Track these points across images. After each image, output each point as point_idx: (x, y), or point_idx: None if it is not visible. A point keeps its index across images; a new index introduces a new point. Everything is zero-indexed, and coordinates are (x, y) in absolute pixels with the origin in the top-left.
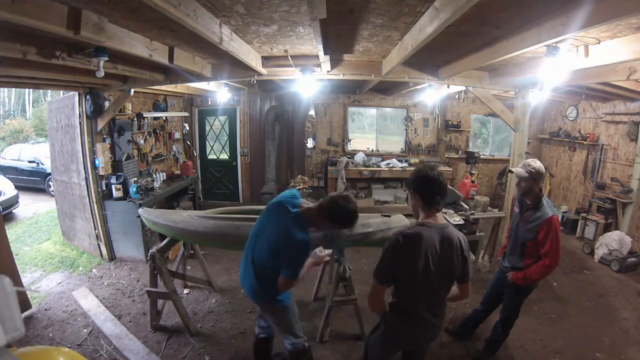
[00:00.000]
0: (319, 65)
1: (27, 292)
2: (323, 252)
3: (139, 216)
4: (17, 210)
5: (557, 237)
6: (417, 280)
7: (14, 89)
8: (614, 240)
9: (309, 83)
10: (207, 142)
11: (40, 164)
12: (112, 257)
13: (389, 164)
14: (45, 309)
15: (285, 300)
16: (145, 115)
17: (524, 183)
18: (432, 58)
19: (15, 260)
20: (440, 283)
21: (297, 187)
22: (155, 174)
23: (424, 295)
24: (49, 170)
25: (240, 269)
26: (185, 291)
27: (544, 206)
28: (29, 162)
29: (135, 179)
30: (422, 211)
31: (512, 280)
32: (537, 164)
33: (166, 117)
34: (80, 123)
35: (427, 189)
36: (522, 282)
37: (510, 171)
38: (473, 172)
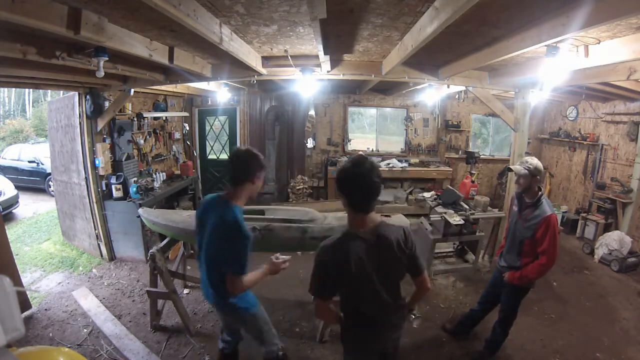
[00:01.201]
0: (319, 65)
1: (27, 292)
2: (280, 259)
3: (139, 216)
4: (17, 210)
5: (555, 235)
6: (357, 289)
7: (14, 89)
8: (614, 240)
9: (309, 83)
10: (207, 142)
11: (40, 164)
12: (112, 257)
13: (389, 164)
14: (45, 309)
15: (251, 306)
16: (145, 115)
17: (523, 180)
18: (432, 58)
19: (15, 260)
20: (385, 285)
21: (297, 187)
22: (155, 174)
23: (371, 301)
24: (49, 170)
25: (201, 282)
26: (185, 291)
27: (543, 204)
28: (29, 162)
29: (135, 179)
30: (350, 215)
31: (509, 280)
32: (534, 161)
33: (166, 117)
34: (80, 123)
35: (355, 192)
36: (519, 282)
37: (510, 169)
38: (473, 172)
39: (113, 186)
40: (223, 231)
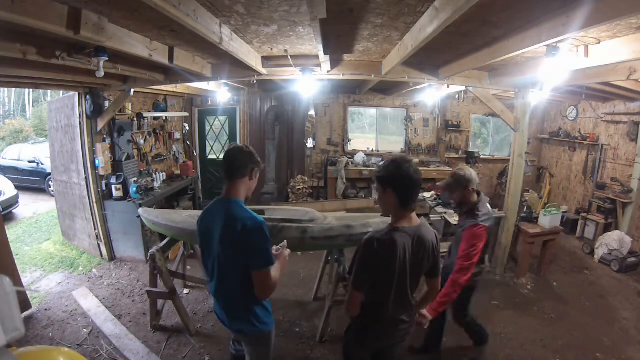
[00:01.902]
0: (319, 65)
1: (27, 292)
2: (279, 250)
3: (139, 216)
4: (17, 210)
5: (472, 245)
6: (392, 285)
7: (14, 89)
8: (614, 240)
9: (309, 83)
10: (207, 142)
11: (40, 164)
12: (112, 257)
13: None
14: (45, 309)
15: (270, 323)
16: (145, 115)
17: (455, 194)
18: (432, 58)
19: (15, 260)
20: (411, 284)
21: (297, 187)
22: (155, 174)
23: (396, 298)
24: (49, 170)
25: (215, 302)
26: (185, 291)
27: (475, 214)
28: (29, 162)
29: (135, 179)
30: (397, 211)
31: (429, 315)
32: (462, 171)
33: (166, 117)
34: (80, 123)
35: (406, 189)
36: (434, 314)
37: (437, 185)
38: None
39: (113, 186)
40: (235, 227)
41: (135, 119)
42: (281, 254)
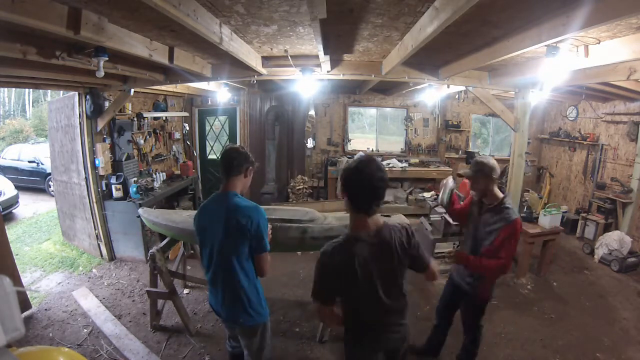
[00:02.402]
0: (319, 65)
1: (27, 292)
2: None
3: (139, 216)
4: (17, 210)
5: (515, 243)
6: (358, 293)
7: (14, 89)
8: (614, 240)
9: (309, 83)
10: (207, 142)
11: (40, 164)
12: (112, 257)
13: (389, 164)
14: (45, 309)
15: (265, 314)
16: (145, 115)
17: (480, 183)
18: (432, 58)
19: (15, 260)
20: (385, 289)
21: (297, 187)
22: (155, 174)
23: (370, 305)
24: (49, 170)
25: (211, 294)
26: (185, 291)
27: (508, 209)
28: (29, 162)
29: (135, 179)
30: (353, 216)
31: (457, 260)
32: (486, 159)
33: (166, 117)
34: (80, 123)
35: (358, 191)
36: (467, 263)
37: (460, 175)
38: None
39: (113, 186)
40: (237, 215)
41: (135, 119)
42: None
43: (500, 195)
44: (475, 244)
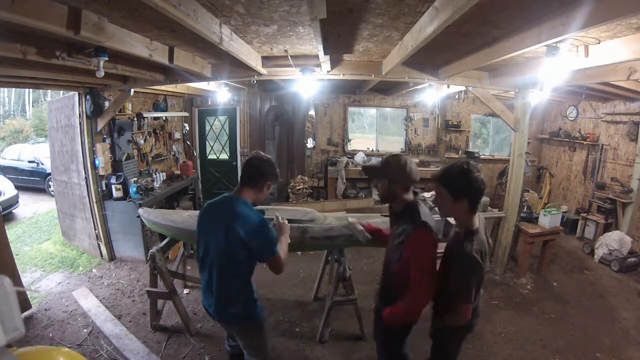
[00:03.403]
0: (319, 65)
1: (27, 292)
2: (278, 218)
3: (139, 216)
4: (17, 210)
5: (422, 262)
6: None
7: (14, 89)
8: (614, 240)
9: (309, 83)
10: (207, 142)
11: (40, 164)
12: (112, 257)
13: None
14: (45, 309)
15: (261, 314)
16: (145, 115)
17: (379, 184)
18: (432, 58)
19: (15, 260)
20: None
21: (297, 187)
22: (155, 174)
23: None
24: (49, 170)
25: (203, 294)
26: (185, 291)
27: (414, 214)
28: (29, 162)
29: (135, 179)
30: (469, 216)
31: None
32: (394, 157)
33: (166, 117)
34: (80, 123)
35: (479, 194)
36: (389, 323)
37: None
38: None
39: (113, 186)
40: (243, 224)
41: (135, 119)
42: (280, 226)
43: (410, 197)
44: (386, 264)
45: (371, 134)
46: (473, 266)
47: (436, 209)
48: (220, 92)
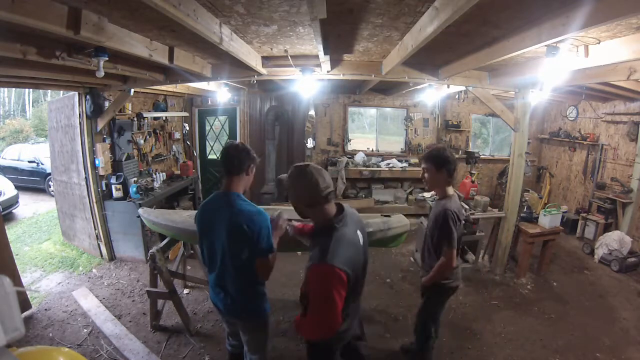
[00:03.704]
0: (319, 65)
1: (27, 292)
2: (280, 217)
3: (139, 216)
4: (17, 210)
5: (318, 294)
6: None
7: (14, 89)
8: (614, 240)
9: (309, 83)
10: (207, 142)
11: (40, 164)
12: (112, 257)
13: (389, 164)
14: (45, 309)
15: (268, 308)
16: (145, 115)
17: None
18: (432, 58)
19: (15, 260)
20: None
21: None
22: (155, 174)
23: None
24: (49, 170)
25: (212, 290)
26: (185, 291)
27: (323, 243)
28: (29, 162)
29: (135, 179)
30: (445, 185)
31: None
32: (300, 168)
33: (166, 117)
34: (80, 123)
35: (452, 164)
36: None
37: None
38: (473, 172)
39: (113, 186)
40: (241, 220)
41: (135, 119)
42: (276, 224)
43: (331, 213)
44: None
45: (371, 134)
46: (446, 218)
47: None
48: (220, 92)
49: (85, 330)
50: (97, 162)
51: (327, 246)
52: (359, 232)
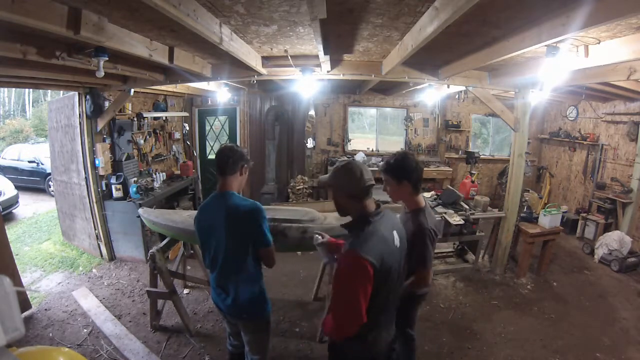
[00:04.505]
0: (319, 65)
1: (27, 292)
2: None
3: (139, 216)
4: (17, 210)
5: (343, 285)
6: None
7: (14, 89)
8: (614, 240)
9: (309, 83)
10: (207, 142)
11: (40, 164)
12: (112, 257)
13: None
14: (45, 309)
15: (270, 311)
16: (145, 115)
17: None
18: (432, 58)
19: (15, 260)
20: None
21: (297, 187)
22: (155, 174)
23: None
24: (49, 170)
25: (214, 291)
26: (185, 291)
27: (356, 232)
28: (29, 162)
29: (135, 179)
30: (413, 197)
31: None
32: (344, 163)
33: (166, 117)
34: (80, 123)
35: (418, 175)
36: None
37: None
38: (473, 172)
39: (113, 186)
40: (238, 214)
41: (135, 119)
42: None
43: (369, 208)
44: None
45: (371, 134)
46: (423, 239)
47: (436, 208)
48: (220, 92)
49: (85, 330)
50: (97, 162)
51: (358, 237)
52: (395, 232)
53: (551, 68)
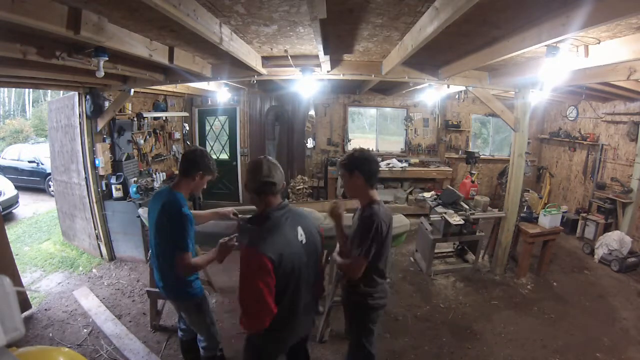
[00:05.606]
0: (319, 65)
1: (27, 292)
2: (231, 241)
3: (139, 216)
4: (17, 210)
5: (246, 279)
6: (382, 252)
7: (14, 89)
8: (614, 240)
9: (309, 83)
10: (207, 142)
11: (40, 164)
12: (112, 257)
13: (389, 164)
14: (45, 309)
15: (196, 293)
16: (145, 115)
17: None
18: (432, 58)
19: (15, 260)
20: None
21: (297, 187)
22: (155, 174)
23: (385, 261)
24: (49, 170)
25: (154, 274)
26: None
27: (256, 229)
28: (29, 162)
29: (135, 179)
30: (367, 190)
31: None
32: (254, 159)
33: (166, 117)
34: (80, 123)
35: (372, 169)
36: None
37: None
38: (473, 172)
39: (113, 186)
40: (164, 213)
41: (135, 119)
42: (221, 244)
43: (271, 204)
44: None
45: (371, 134)
46: (370, 225)
47: (436, 209)
48: (220, 92)
49: (85, 330)
50: (97, 162)
51: (257, 233)
52: (300, 228)
53: (551, 68)
